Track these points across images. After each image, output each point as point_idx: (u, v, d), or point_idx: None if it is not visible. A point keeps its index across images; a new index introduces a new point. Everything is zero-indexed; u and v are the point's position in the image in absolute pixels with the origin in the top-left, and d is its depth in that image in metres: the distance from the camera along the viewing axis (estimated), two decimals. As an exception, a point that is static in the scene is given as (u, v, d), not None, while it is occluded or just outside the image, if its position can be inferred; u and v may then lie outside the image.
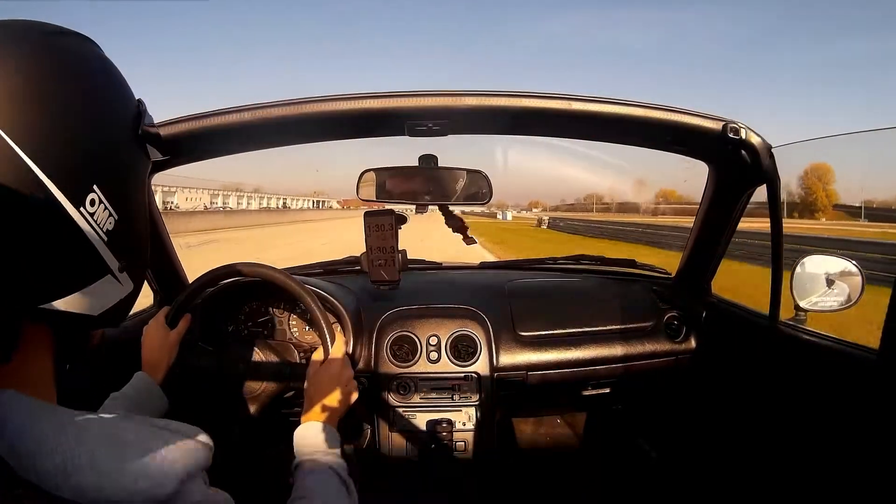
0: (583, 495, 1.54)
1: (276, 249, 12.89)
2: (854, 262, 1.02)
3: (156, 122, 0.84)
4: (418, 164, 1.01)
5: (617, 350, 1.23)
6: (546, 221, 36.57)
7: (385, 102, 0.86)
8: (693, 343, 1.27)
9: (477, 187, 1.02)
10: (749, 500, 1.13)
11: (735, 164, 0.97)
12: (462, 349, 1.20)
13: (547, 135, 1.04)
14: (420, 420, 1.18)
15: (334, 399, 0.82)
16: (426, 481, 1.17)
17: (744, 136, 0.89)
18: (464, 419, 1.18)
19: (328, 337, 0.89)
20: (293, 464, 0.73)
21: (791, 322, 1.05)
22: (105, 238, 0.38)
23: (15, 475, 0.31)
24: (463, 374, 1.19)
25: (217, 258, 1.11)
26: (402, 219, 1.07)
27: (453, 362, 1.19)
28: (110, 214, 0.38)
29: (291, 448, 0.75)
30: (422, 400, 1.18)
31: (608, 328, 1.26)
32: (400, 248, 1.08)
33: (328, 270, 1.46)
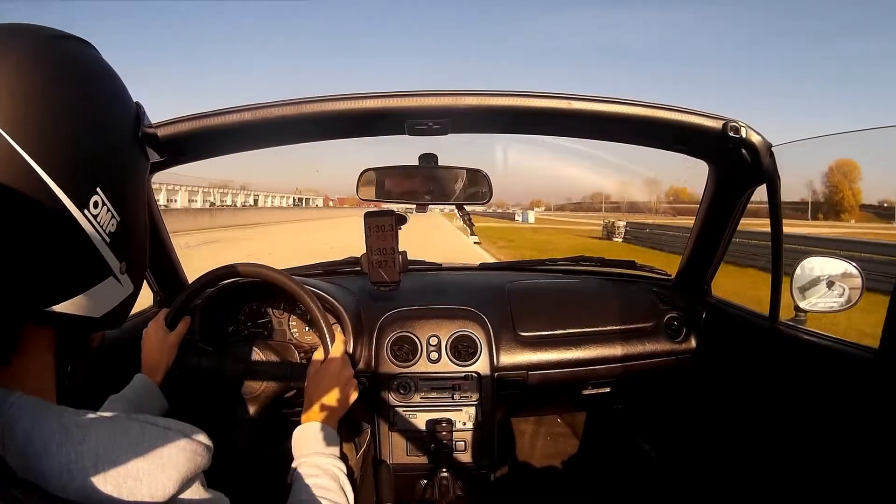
0: (583, 495, 1.54)
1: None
2: (854, 264, 1.02)
3: (156, 122, 0.83)
4: (418, 164, 1.01)
5: (617, 350, 1.23)
6: (622, 230, 21.57)
7: (385, 102, 0.86)
8: (693, 343, 1.27)
9: (477, 186, 1.02)
10: (749, 500, 1.13)
11: (735, 163, 0.97)
12: (462, 349, 1.20)
13: (547, 134, 1.04)
14: (420, 420, 1.18)
15: (334, 399, 0.82)
16: (426, 481, 1.17)
17: (744, 135, 0.89)
18: (464, 419, 1.18)
19: (328, 337, 0.89)
20: (292, 465, 0.73)
21: (791, 322, 1.05)
22: (108, 240, 0.38)
23: (14, 475, 0.30)
24: (463, 374, 1.19)
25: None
26: (403, 219, 1.07)
27: (453, 362, 1.19)
28: (113, 216, 0.38)
29: (281, 452, 0.75)
30: (422, 400, 1.18)
31: (608, 328, 1.26)
32: (400, 249, 1.08)
33: (328, 271, 1.46)
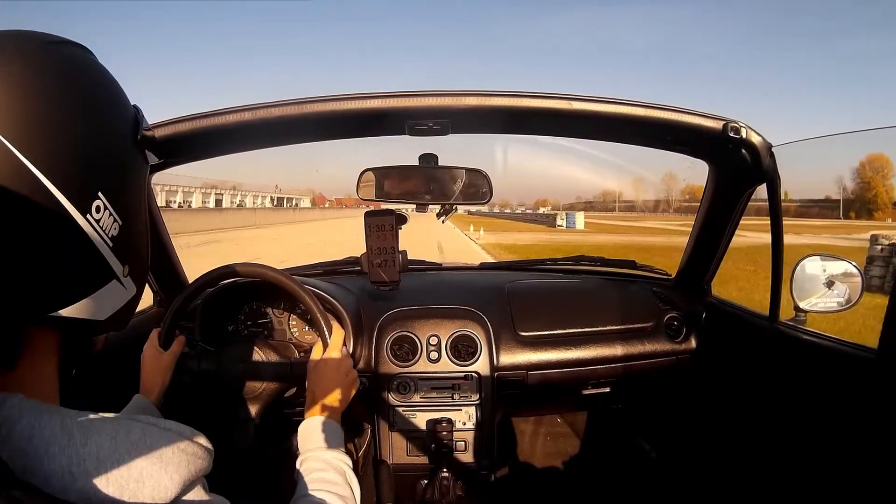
0: (583, 495, 1.54)
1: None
2: (854, 264, 1.02)
3: (156, 122, 0.83)
4: (419, 164, 1.01)
5: (617, 350, 1.23)
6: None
7: (385, 102, 0.86)
8: (693, 343, 1.27)
9: (477, 186, 1.02)
10: (749, 500, 1.14)
11: (735, 164, 0.97)
12: (462, 349, 1.20)
13: (547, 134, 1.04)
14: (420, 419, 1.18)
15: (336, 391, 0.83)
16: (426, 481, 1.17)
17: (744, 136, 0.89)
18: (464, 419, 1.18)
19: (326, 330, 0.89)
20: (297, 460, 0.73)
21: (791, 322, 1.05)
22: (110, 244, 0.38)
23: (13, 476, 0.30)
24: (463, 374, 1.19)
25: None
26: (403, 219, 1.07)
27: (453, 362, 1.19)
28: (115, 220, 0.38)
29: (294, 447, 0.75)
30: (422, 399, 1.18)
31: (608, 328, 1.26)
32: (400, 249, 1.08)
33: (328, 271, 1.46)
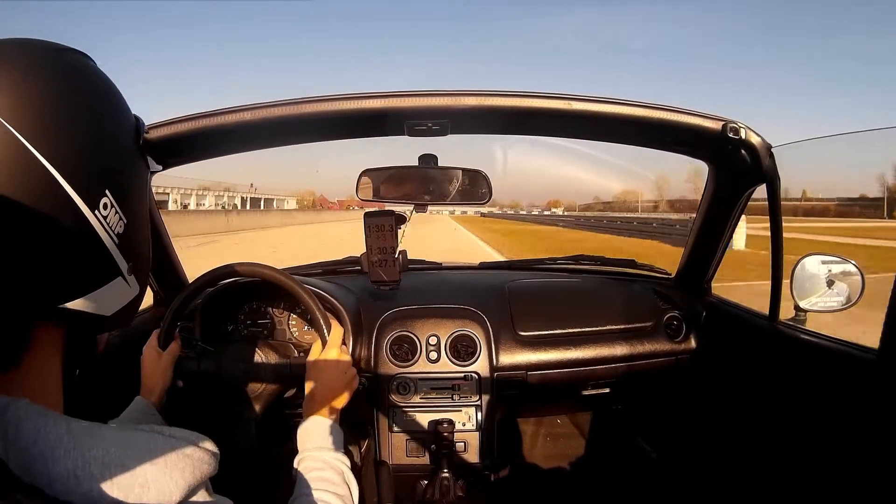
0: (583, 495, 1.54)
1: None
2: (854, 263, 1.02)
3: (157, 122, 0.83)
4: (418, 164, 1.01)
5: (617, 350, 1.23)
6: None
7: (385, 102, 0.86)
8: (693, 343, 1.27)
9: (477, 187, 1.02)
10: (749, 500, 1.13)
11: (735, 164, 0.97)
12: (462, 349, 1.20)
13: (547, 134, 1.04)
14: (420, 420, 1.18)
15: (335, 388, 0.83)
16: (427, 481, 1.17)
17: (743, 136, 0.89)
18: (464, 419, 1.18)
19: (324, 328, 0.89)
20: (296, 459, 0.73)
21: (791, 322, 1.05)
22: (116, 241, 0.40)
23: (16, 479, 0.30)
24: (463, 374, 1.19)
25: None
26: (402, 219, 1.07)
27: (453, 362, 1.19)
28: (120, 218, 0.40)
29: (294, 447, 0.75)
30: (422, 400, 1.18)
31: (608, 328, 1.26)
32: (400, 249, 1.08)
33: (328, 270, 1.46)
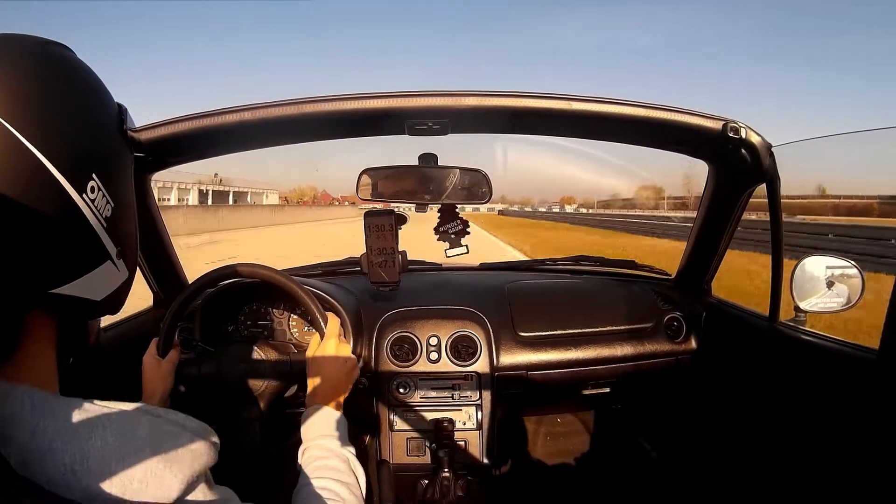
0: (583, 494, 1.54)
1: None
2: (854, 263, 1.02)
3: (157, 122, 0.83)
4: (418, 164, 1.01)
5: (617, 350, 1.23)
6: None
7: (385, 102, 0.86)
8: (693, 343, 1.27)
9: (477, 186, 1.02)
10: (749, 500, 1.13)
11: (735, 164, 0.97)
12: (462, 349, 1.20)
13: (547, 134, 1.04)
14: (420, 420, 1.18)
15: (336, 378, 0.83)
16: (427, 481, 1.17)
17: (744, 136, 0.89)
18: (464, 419, 1.18)
19: (321, 320, 0.89)
20: (300, 449, 0.73)
21: (791, 322, 1.05)
22: (104, 224, 0.40)
23: (15, 473, 0.30)
24: (463, 374, 1.19)
25: None
26: (403, 219, 1.07)
27: (453, 362, 1.19)
28: (108, 202, 0.41)
29: (295, 447, 0.75)
30: (422, 400, 1.18)
31: (608, 329, 1.26)
32: (400, 249, 1.08)
33: (328, 271, 1.46)
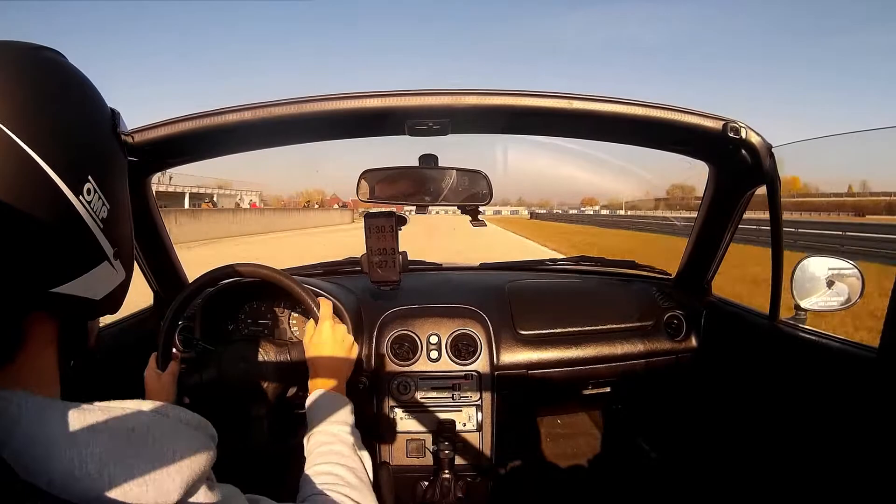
0: (583, 494, 1.54)
1: None
2: (853, 263, 1.02)
3: (157, 122, 0.84)
4: (418, 164, 1.01)
5: (617, 349, 1.23)
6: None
7: (385, 101, 0.86)
8: (693, 342, 1.27)
9: (477, 187, 1.02)
10: (749, 500, 1.14)
11: (736, 164, 0.97)
12: (462, 348, 1.20)
13: (548, 134, 1.04)
14: (420, 420, 1.18)
15: (335, 359, 0.83)
16: (427, 482, 1.17)
17: (744, 136, 0.89)
18: (464, 419, 1.18)
19: (314, 306, 0.90)
20: (305, 437, 0.73)
21: (791, 321, 1.05)
22: (101, 225, 0.41)
23: (16, 477, 0.30)
24: (463, 373, 1.19)
25: None
26: (403, 220, 1.07)
27: (454, 361, 1.19)
28: (104, 203, 0.41)
29: (298, 445, 0.75)
30: (422, 400, 1.18)
31: (608, 327, 1.26)
32: (400, 250, 1.08)
33: (328, 271, 1.46)
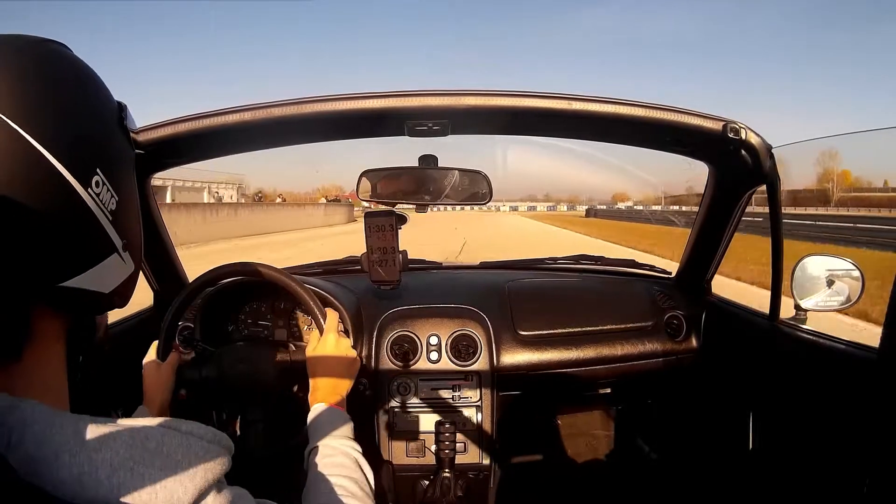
0: (583, 495, 1.54)
1: None
2: (854, 263, 1.02)
3: (158, 122, 0.84)
4: (418, 165, 1.01)
5: (617, 350, 1.23)
6: None
7: (385, 102, 0.86)
8: (693, 343, 1.27)
9: (477, 187, 1.03)
10: (749, 500, 1.14)
11: (735, 165, 0.97)
12: (462, 348, 1.20)
13: (548, 134, 1.04)
14: (420, 420, 1.18)
15: (337, 372, 0.83)
16: (427, 482, 1.17)
17: (744, 137, 0.89)
18: (464, 419, 1.18)
19: (319, 316, 0.90)
20: (307, 450, 0.73)
21: (791, 321, 1.05)
22: (110, 217, 0.41)
23: (22, 482, 0.30)
24: (463, 374, 1.19)
25: None
26: (403, 219, 1.08)
27: (454, 361, 1.19)
28: (112, 196, 0.41)
29: (300, 446, 0.75)
30: (422, 400, 1.18)
31: (608, 328, 1.26)
32: (401, 249, 1.08)
33: (328, 270, 1.46)
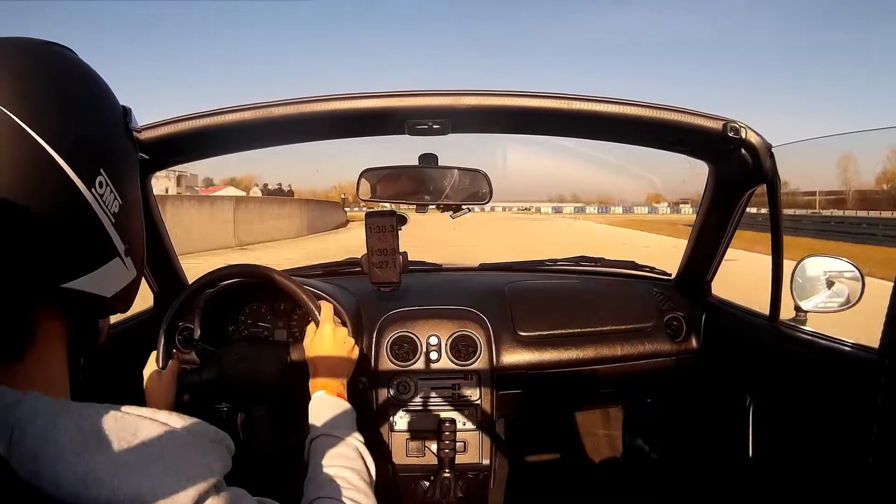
0: (583, 495, 1.54)
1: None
2: (853, 264, 1.02)
3: (159, 121, 0.84)
4: (418, 164, 1.01)
5: (617, 351, 1.23)
6: None
7: (385, 101, 0.86)
8: (693, 343, 1.27)
9: (477, 187, 1.02)
10: (749, 500, 1.13)
11: (735, 164, 0.97)
12: (462, 349, 1.20)
13: (548, 134, 1.04)
14: (420, 420, 1.18)
15: (336, 362, 0.83)
16: (427, 482, 1.16)
17: (744, 136, 0.89)
18: (464, 419, 1.18)
19: (314, 308, 0.90)
20: (307, 440, 0.73)
21: (791, 322, 1.05)
22: (113, 220, 0.41)
23: (22, 482, 0.30)
24: (463, 374, 1.19)
25: None
26: (403, 220, 1.07)
27: (454, 362, 1.19)
28: (115, 198, 0.41)
29: (303, 444, 0.75)
30: (422, 400, 1.18)
31: (608, 328, 1.26)
32: (401, 250, 1.08)
33: (328, 272, 1.46)
